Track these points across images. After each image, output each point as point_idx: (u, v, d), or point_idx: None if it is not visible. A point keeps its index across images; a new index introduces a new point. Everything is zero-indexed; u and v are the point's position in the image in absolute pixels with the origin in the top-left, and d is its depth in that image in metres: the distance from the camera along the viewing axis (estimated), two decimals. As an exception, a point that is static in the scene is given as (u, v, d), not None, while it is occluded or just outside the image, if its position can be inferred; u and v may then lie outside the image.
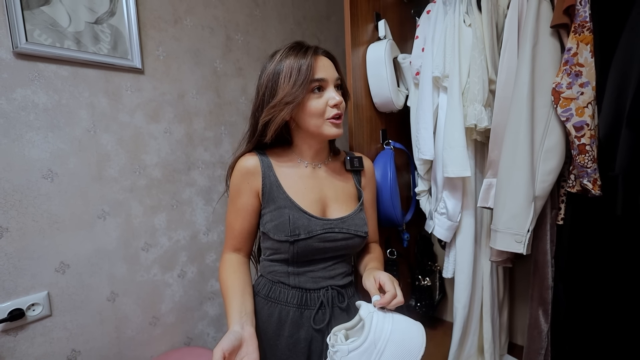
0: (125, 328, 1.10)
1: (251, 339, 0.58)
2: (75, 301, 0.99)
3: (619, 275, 0.78)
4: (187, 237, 1.27)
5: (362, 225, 0.75)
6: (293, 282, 0.72)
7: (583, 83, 0.75)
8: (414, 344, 0.57)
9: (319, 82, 0.69)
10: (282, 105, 0.68)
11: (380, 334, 0.57)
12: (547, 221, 0.86)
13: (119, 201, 1.08)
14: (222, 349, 0.53)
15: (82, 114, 1.00)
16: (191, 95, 1.26)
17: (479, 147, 1.03)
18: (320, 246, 0.70)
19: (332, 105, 0.69)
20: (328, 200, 0.75)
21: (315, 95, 0.69)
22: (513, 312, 1.21)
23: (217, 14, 1.33)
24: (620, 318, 0.79)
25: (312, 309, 0.70)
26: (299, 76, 0.66)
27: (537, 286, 0.88)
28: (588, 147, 0.75)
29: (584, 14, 0.74)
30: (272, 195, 0.72)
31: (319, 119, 0.70)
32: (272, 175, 0.73)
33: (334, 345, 0.59)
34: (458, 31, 0.94)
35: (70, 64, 0.97)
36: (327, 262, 0.72)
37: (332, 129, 0.71)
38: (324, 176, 0.77)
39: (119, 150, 1.08)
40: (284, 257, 0.71)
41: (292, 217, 0.69)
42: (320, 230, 0.69)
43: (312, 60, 0.68)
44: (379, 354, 0.56)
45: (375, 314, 0.60)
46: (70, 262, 0.98)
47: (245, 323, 0.60)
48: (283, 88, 0.67)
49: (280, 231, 0.69)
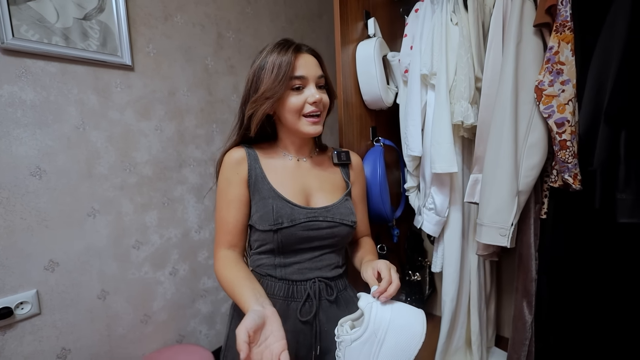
0: (116, 326, 1.10)
1: (274, 316, 0.56)
2: (65, 299, 0.99)
3: (599, 266, 0.81)
4: (178, 234, 1.27)
5: (349, 214, 0.75)
6: (280, 274, 0.72)
7: (564, 81, 0.77)
8: (414, 331, 0.58)
9: (299, 79, 0.71)
10: (262, 99, 0.70)
11: (379, 323, 0.59)
12: (530, 215, 0.89)
13: (109, 199, 1.08)
14: (247, 327, 0.50)
15: (71, 111, 0.99)
16: (182, 92, 1.26)
17: (466, 144, 1.05)
18: (304, 235, 0.71)
19: (310, 103, 0.71)
20: (312, 191, 0.76)
21: (295, 92, 0.71)
22: (500, 305, 1.23)
23: (208, 11, 1.33)
24: (601, 308, 0.82)
25: (299, 302, 0.71)
26: (279, 72, 0.68)
27: (522, 279, 0.91)
28: (569, 142, 0.77)
29: (565, 14, 0.76)
30: (257, 186, 0.73)
31: (295, 115, 0.72)
32: (258, 167, 0.75)
33: (338, 336, 0.61)
34: (445, 29, 0.96)
35: (58, 60, 0.96)
36: (314, 252, 0.73)
37: (308, 127, 0.72)
38: (309, 168, 0.79)
39: (109, 148, 1.08)
40: (270, 248, 0.72)
41: (276, 207, 0.70)
42: (304, 219, 0.71)
43: (292, 57, 0.69)
44: (379, 343, 0.58)
45: (374, 304, 0.61)
46: (59, 260, 0.98)
47: (264, 303, 0.58)
48: (265, 83, 0.69)
49: (264, 221, 0.70)
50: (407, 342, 0.58)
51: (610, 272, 0.79)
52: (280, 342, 0.52)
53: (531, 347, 0.89)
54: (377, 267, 0.66)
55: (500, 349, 1.18)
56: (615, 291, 0.79)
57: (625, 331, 0.78)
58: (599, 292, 0.82)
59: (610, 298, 0.80)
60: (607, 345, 0.81)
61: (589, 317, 0.83)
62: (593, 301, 0.82)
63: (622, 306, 0.78)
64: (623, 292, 0.78)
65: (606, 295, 0.81)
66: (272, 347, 0.52)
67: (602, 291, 0.81)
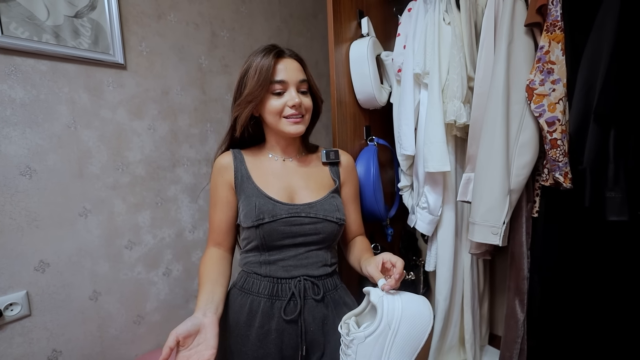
0: (108, 327, 1.09)
1: (210, 326, 0.59)
2: (56, 300, 0.98)
3: (590, 264, 0.81)
4: (172, 234, 1.26)
5: (333, 210, 0.75)
6: (265, 272, 0.73)
7: (555, 80, 0.78)
8: (424, 318, 0.61)
9: (280, 84, 0.73)
10: (245, 103, 0.73)
11: (392, 315, 0.60)
12: (522, 214, 0.89)
13: (101, 198, 1.07)
14: (177, 333, 0.55)
15: (62, 110, 0.98)
16: (175, 91, 1.25)
17: (459, 143, 1.06)
18: (286, 230, 0.71)
19: (290, 106, 0.73)
20: (297, 188, 0.77)
21: (275, 96, 0.74)
22: (493, 304, 1.24)
23: (202, 9, 1.32)
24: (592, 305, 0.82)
25: (283, 300, 0.71)
26: (259, 76, 0.71)
27: (514, 277, 0.91)
28: (560, 141, 0.78)
29: (556, 14, 0.77)
30: (243, 186, 0.76)
31: (276, 116, 0.74)
32: (244, 169, 0.77)
33: (348, 334, 0.61)
34: (438, 29, 0.97)
35: (49, 59, 0.95)
36: (299, 248, 0.73)
37: (289, 127, 0.74)
38: (294, 168, 0.81)
39: (101, 147, 1.07)
40: (255, 245, 0.74)
41: (258, 204, 0.72)
42: (286, 214, 0.72)
43: (272, 61, 0.71)
44: (394, 333, 0.59)
45: (385, 297, 0.62)
46: (50, 260, 0.96)
47: (208, 310, 0.62)
48: (248, 87, 0.72)
49: (248, 218, 0.72)
50: (418, 330, 0.60)
51: (601, 270, 0.80)
52: (209, 350, 0.56)
53: (523, 345, 0.90)
54: (382, 259, 0.67)
55: (494, 347, 1.19)
56: (606, 288, 0.80)
57: (616, 328, 0.79)
58: (590, 289, 0.82)
59: (601, 295, 0.81)
60: (599, 343, 0.82)
61: (580, 314, 0.84)
62: (584, 299, 0.83)
63: (613, 303, 0.79)
64: (613, 289, 0.79)
65: (597, 292, 0.81)
66: (200, 353, 0.55)
67: (593, 289, 0.82)
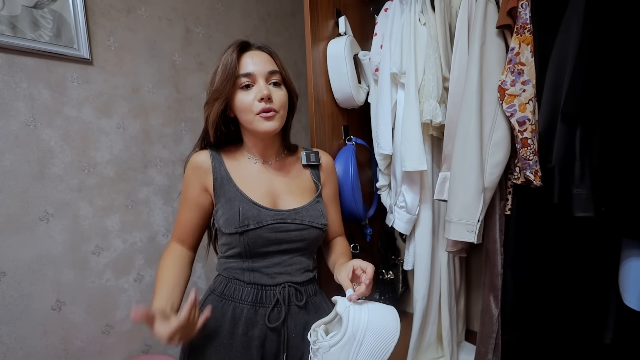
0: (73, 339, 1.02)
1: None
2: (14, 312, 0.91)
3: (560, 259, 0.84)
4: (144, 239, 1.20)
5: (319, 216, 0.74)
6: (248, 278, 0.70)
7: (525, 81, 0.80)
8: (390, 329, 0.60)
9: (247, 77, 0.69)
10: (212, 100, 0.70)
11: (357, 326, 0.59)
12: (496, 212, 0.91)
13: (65, 201, 1.00)
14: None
15: (20, 106, 0.91)
16: (147, 89, 1.20)
17: (435, 142, 1.07)
18: (272, 237, 0.69)
19: (258, 100, 0.68)
20: (279, 193, 0.74)
21: (243, 91, 0.69)
22: (469, 300, 1.26)
23: (175, 5, 1.28)
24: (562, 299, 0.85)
25: (267, 307, 0.69)
26: (225, 72, 0.68)
27: (489, 273, 0.93)
28: (530, 140, 0.80)
29: (525, 16, 0.79)
30: (222, 189, 0.71)
31: (248, 114, 0.69)
32: (223, 170, 0.73)
33: (315, 342, 0.61)
34: (414, 29, 0.97)
35: (4, 51, 0.88)
36: (283, 255, 0.71)
37: (262, 124, 0.69)
38: (275, 171, 0.77)
39: (64, 147, 1.00)
40: (237, 252, 0.70)
41: (242, 209, 0.68)
42: (271, 221, 0.69)
43: (236, 55, 0.68)
44: (358, 344, 0.59)
45: (351, 307, 0.61)
46: (6, 269, 0.89)
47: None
48: (215, 84, 0.69)
49: (230, 224, 0.68)
50: (384, 342, 0.59)
51: (570, 265, 0.83)
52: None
53: (498, 340, 0.92)
54: (352, 266, 0.66)
55: (470, 343, 1.21)
56: (574, 282, 0.83)
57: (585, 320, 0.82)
58: (560, 284, 0.85)
59: (570, 289, 0.84)
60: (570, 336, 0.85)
61: (552, 308, 0.87)
62: (555, 293, 0.86)
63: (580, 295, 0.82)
64: (581, 282, 0.82)
65: (567, 286, 0.84)
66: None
67: (563, 283, 0.85)
